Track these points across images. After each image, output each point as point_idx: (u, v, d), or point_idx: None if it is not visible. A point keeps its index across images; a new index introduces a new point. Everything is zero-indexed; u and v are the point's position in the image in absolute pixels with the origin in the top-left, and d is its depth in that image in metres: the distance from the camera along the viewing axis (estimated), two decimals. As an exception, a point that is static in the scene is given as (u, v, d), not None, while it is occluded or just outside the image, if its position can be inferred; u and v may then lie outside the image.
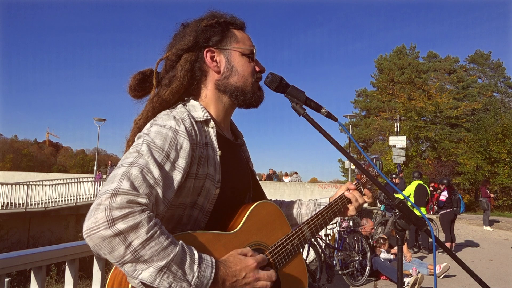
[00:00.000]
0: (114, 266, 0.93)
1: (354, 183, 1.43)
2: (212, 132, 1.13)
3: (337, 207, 1.36)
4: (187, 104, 1.15)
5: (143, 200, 0.85)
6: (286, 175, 25.32)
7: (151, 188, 0.89)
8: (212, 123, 1.14)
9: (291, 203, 1.46)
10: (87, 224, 0.80)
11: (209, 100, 1.19)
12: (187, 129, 1.03)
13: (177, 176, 0.97)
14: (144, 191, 0.87)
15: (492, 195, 14.25)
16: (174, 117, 1.04)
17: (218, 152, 1.12)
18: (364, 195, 1.41)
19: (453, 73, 32.07)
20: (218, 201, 1.11)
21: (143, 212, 0.83)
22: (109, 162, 24.07)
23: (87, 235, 0.80)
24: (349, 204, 1.39)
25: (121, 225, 0.79)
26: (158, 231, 0.83)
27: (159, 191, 0.91)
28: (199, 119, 1.11)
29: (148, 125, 1.05)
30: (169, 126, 1.01)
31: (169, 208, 0.99)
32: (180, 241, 0.87)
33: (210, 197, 1.09)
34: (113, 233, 0.78)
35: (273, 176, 24.25)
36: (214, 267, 0.88)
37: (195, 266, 0.85)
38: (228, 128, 1.29)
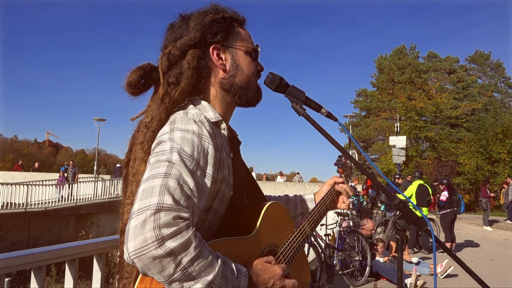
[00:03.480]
0: (139, 279, 0.88)
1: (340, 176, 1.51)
2: (224, 133, 1.11)
3: (329, 201, 1.41)
4: (196, 104, 1.12)
5: (186, 215, 0.82)
6: (281, 174, 25.13)
7: (189, 200, 0.87)
8: (223, 125, 1.12)
9: (278, 199, 1.49)
10: (135, 244, 0.76)
11: (214, 98, 1.17)
12: (209, 132, 1.00)
13: (207, 184, 0.95)
14: (184, 204, 0.85)
15: (492, 194, 14.22)
16: (194, 121, 1.00)
17: (231, 154, 1.11)
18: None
19: (453, 73, 32.09)
20: (229, 203, 1.10)
21: (188, 228, 0.81)
22: (71, 162, 21.94)
23: (136, 256, 0.76)
24: (340, 197, 1.46)
25: (171, 244, 0.77)
26: (204, 247, 0.83)
27: (195, 201, 0.89)
28: (212, 121, 1.08)
29: (167, 129, 1.00)
30: (192, 131, 0.98)
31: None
32: (219, 254, 0.87)
33: (225, 199, 1.08)
34: (164, 252, 0.76)
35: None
36: (247, 276, 0.90)
37: (234, 278, 0.86)
38: (228, 127, 1.29)
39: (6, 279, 1.79)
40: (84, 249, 2.04)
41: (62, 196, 17.91)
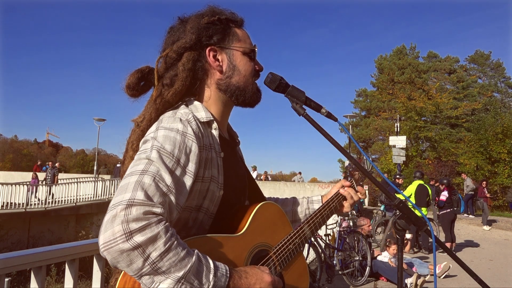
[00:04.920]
0: (122, 273, 0.92)
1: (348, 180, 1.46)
2: (215, 133, 1.12)
3: (334, 204, 1.38)
4: (189, 104, 1.13)
5: (158, 210, 0.83)
6: (266, 173, 25.79)
7: (165, 196, 0.88)
8: (215, 124, 1.13)
9: (286, 200, 1.49)
10: (104, 237, 0.78)
11: (210, 99, 1.18)
12: (194, 131, 1.02)
13: (188, 181, 0.96)
14: (158, 200, 0.85)
15: (488, 194, 14.18)
16: (180, 119, 1.02)
17: (221, 154, 1.11)
18: (357, 192, 1.44)
19: (453, 73, 32.07)
20: (221, 202, 1.10)
21: (159, 222, 0.81)
22: (50, 162, 20.91)
23: (104, 249, 0.78)
24: (344, 201, 1.42)
25: (138, 238, 0.78)
26: (175, 242, 0.82)
27: (172, 198, 0.90)
28: (202, 120, 1.09)
29: (154, 128, 1.03)
30: (176, 129, 0.99)
31: (179, 212, 0.99)
32: (196, 251, 0.86)
33: (215, 199, 1.08)
34: (131, 246, 0.77)
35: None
36: (228, 275, 0.88)
37: (211, 276, 0.84)
38: (226, 128, 1.28)
39: (6, 279, 1.79)
40: (84, 249, 2.04)
41: (38, 199, 16.84)
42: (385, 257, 6.30)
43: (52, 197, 17.29)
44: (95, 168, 23.55)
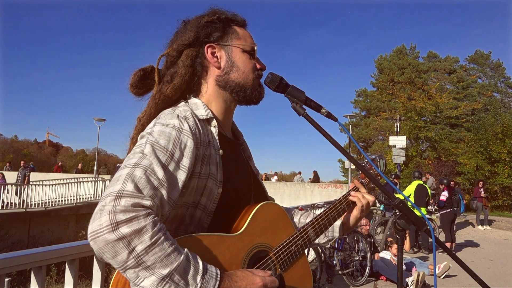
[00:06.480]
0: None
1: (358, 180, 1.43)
2: (214, 131, 1.12)
3: (341, 207, 1.33)
4: (189, 102, 1.15)
5: (148, 203, 0.83)
6: (276, 174, 25.74)
7: (156, 190, 0.88)
8: (214, 122, 1.13)
9: (294, 211, 1.45)
10: (91, 227, 0.79)
11: (210, 96, 1.19)
12: (190, 127, 1.02)
13: (181, 176, 0.96)
14: (148, 193, 0.86)
15: (483, 194, 14.12)
16: (178, 116, 1.03)
17: (220, 152, 1.11)
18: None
19: (453, 73, 32.04)
20: (220, 201, 1.10)
21: (147, 216, 0.81)
22: (22, 162, 20.01)
23: (91, 238, 0.79)
24: (353, 204, 1.36)
25: (125, 229, 0.78)
26: (163, 237, 0.81)
27: (164, 192, 0.90)
28: (201, 118, 1.10)
29: (151, 124, 1.04)
30: (172, 125, 1.00)
31: (173, 208, 0.98)
32: (185, 249, 0.85)
33: (213, 197, 1.08)
34: (116, 237, 0.77)
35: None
36: (218, 279, 0.86)
37: (199, 278, 0.83)
38: (230, 127, 1.28)
39: (6, 279, 1.79)
40: (84, 249, 2.04)
41: (3, 201, 15.47)
42: (387, 254, 6.31)
43: (20, 199, 16.18)
44: (95, 168, 23.53)
